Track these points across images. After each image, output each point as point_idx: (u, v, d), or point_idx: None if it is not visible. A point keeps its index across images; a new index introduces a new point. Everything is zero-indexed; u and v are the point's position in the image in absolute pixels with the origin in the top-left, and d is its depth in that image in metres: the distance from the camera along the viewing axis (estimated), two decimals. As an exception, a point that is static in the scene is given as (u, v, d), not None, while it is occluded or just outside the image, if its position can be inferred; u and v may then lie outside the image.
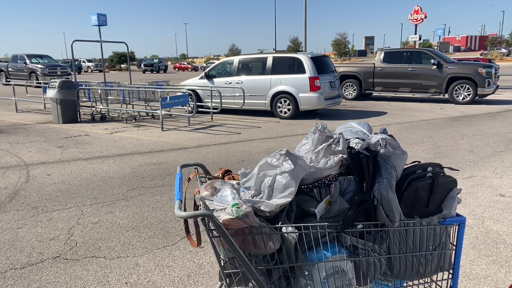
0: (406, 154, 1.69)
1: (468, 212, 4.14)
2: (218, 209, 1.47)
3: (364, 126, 1.98)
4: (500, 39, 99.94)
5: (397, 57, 13.53)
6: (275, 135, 8.32)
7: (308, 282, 1.60)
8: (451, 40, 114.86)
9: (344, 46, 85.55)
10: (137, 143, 7.72)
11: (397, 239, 1.67)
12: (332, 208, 1.61)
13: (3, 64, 24.49)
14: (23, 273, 3.08)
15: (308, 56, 10.16)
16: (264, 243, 1.51)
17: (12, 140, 8.09)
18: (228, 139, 7.97)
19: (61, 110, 10.06)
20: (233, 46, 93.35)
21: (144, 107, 11.70)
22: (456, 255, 1.76)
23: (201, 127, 9.55)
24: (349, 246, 1.64)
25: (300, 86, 10.01)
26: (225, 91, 10.95)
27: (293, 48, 77.00)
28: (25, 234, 3.76)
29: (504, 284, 2.83)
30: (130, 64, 14.70)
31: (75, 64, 20.01)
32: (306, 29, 23.98)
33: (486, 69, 12.15)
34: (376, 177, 1.61)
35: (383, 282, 1.78)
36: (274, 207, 1.53)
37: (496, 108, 11.73)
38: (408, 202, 1.66)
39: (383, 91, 14.00)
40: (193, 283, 2.91)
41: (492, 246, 3.39)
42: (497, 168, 5.67)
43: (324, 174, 1.66)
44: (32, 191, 4.97)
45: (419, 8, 34.08)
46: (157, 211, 4.25)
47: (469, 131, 8.35)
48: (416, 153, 6.61)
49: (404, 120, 9.96)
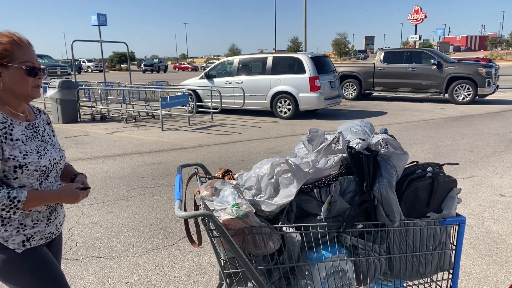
0: (407, 154, 1.69)
1: (468, 212, 4.14)
2: (218, 209, 1.47)
3: (366, 125, 1.98)
4: (500, 39, 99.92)
5: (397, 57, 13.53)
6: (275, 135, 8.32)
7: (308, 282, 1.60)
8: (451, 40, 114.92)
9: (344, 46, 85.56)
10: (137, 143, 7.72)
11: (397, 239, 1.67)
12: (333, 208, 1.61)
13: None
14: (23, 273, 3.08)
15: (308, 56, 10.16)
16: (264, 243, 1.50)
17: (12, 140, 8.09)
18: (228, 139, 7.97)
19: (61, 110, 10.06)
20: (233, 46, 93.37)
21: (144, 107, 11.70)
22: (456, 255, 1.76)
23: (201, 127, 9.55)
24: (349, 246, 1.64)
25: (300, 86, 10.01)
26: (225, 91, 10.95)
27: (293, 48, 77.00)
28: (25, 234, 3.76)
29: (504, 284, 2.83)
30: (130, 64, 14.70)
31: (75, 64, 20.02)
32: (306, 29, 23.96)
33: (486, 69, 12.14)
34: (376, 177, 1.61)
35: (383, 282, 1.78)
36: (275, 207, 1.53)
37: (496, 108, 11.73)
38: (408, 202, 1.66)
39: (383, 91, 14.00)
40: (193, 283, 2.91)
41: (492, 246, 3.39)
42: (497, 168, 5.67)
43: (324, 174, 1.66)
44: (32, 191, 4.97)
45: (419, 8, 34.08)
46: (157, 211, 4.25)
47: (469, 131, 8.35)
48: (416, 153, 6.61)
49: (404, 120, 9.96)
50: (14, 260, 1.50)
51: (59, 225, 1.68)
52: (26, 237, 1.53)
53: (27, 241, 1.53)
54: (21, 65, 1.49)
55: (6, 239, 1.49)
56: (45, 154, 1.57)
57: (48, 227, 1.61)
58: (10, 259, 1.50)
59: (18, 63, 1.48)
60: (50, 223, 1.61)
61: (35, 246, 1.56)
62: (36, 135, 1.60)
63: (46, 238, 1.61)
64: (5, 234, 1.49)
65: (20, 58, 1.49)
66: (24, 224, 1.52)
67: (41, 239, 1.58)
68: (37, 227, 1.56)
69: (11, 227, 1.49)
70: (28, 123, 1.58)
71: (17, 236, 1.51)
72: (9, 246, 1.50)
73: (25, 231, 1.52)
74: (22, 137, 1.51)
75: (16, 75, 1.49)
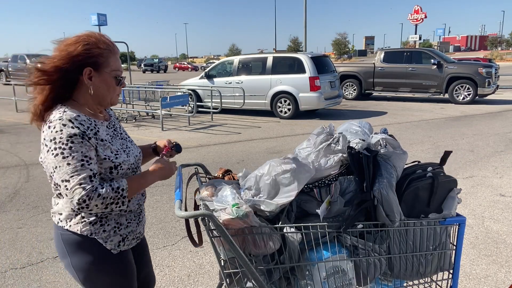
0: (406, 154, 1.69)
1: (468, 212, 4.14)
2: (218, 209, 1.47)
3: (365, 126, 1.98)
4: (500, 39, 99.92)
5: (397, 57, 13.52)
6: (275, 135, 8.32)
7: (308, 282, 1.60)
8: (451, 40, 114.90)
9: (344, 46, 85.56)
10: (137, 143, 7.72)
11: (397, 239, 1.67)
12: (332, 208, 1.61)
13: (3, 64, 24.50)
14: (23, 272, 3.08)
15: (308, 56, 10.15)
16: (264, 243, 1.51)
17: (12, 140, 8.09)
18: (228, 139, 7.97)
19: (61, 110, 10.05)
20: (233, 46, 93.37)
21: (144, 107, 11.69)
22: (456, 255, 1.76)
23: (201, 127, 9.55)
24: (349, 246, 1.64)
25: (300, 86, 10.01)
26: (225, 91, 10.95)
27: (293, 48, 76.98)
28: (25, 233, 3.76)
29: (504, 284, 2.83)
30: (130, 64, 14.69)
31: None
32: (306, 29, 23.97)
33: (486, 69, 12.14)
34: (376, 177, 1.61)
35: (383, 282, 1.78)
36: (275, 207, 1.53)
37: (496, 108, 11.73)
38: (408, 202, 1.66)
39: (383, 91, 14.00)
40: (193, 283, 2.91)
41: (492, 246, 3.39)
42: (497, 168, 5.67)
43: (324, 174, 1.66)
44: (32, 191, 4.97)
45: (419, 8, 34.08)
46: (157, 211, 4.25)
47: (469, 131, 8.35)
48: (416, 153, 6.61)
49: (404, 120, 9.96)
50: (108, 261, 1.52)
51: (144, 226, 1.71)
52: (122, 237, 1.55)
53: (122, 241, 1.55)
54: (113, 73, 1.49)
55: (106, 239, 1.50)
56: (129, 151, 1.58)
57: (138, 227, 1.63)
58: (106, 259, 1.51)
59: (110, 71, 1.48)
60: (140, 222, 1.64)
61: (126, 248, 1.58)
62: (116, 134, 1.59)
63: (137, 238, 1.64)
64: (104, 234, 1.50)
65: (113, 65, 1.49)
66: (120, 223, 1.54)
67: (133, 239, 1.61)
68: (130, 226, 1.58)
69: (109, 227, 1.51)
70: (107, 122, 1.58)
71: (114, 236, 1.52)
72: (106, 247, 1.51)
73: (120, 230, 1.54)
74: (108, 137, 1.50)
75: (106, 82, 1.48)
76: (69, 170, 1.34)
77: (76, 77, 1.45)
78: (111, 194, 1.38)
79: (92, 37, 1.45)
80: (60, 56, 1.41)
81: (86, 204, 1.35)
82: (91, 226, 1.47)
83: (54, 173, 1.37)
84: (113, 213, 1.51)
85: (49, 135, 1.37)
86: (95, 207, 1.36)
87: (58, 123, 1.36)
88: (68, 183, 1.34)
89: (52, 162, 1.36)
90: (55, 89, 1.44)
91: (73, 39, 1.45)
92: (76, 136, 1.36)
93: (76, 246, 1.48)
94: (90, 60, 1.43)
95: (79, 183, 1.34)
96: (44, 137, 1.40)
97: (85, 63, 1.43)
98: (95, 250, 1.49)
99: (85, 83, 1.45)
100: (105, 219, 1.50)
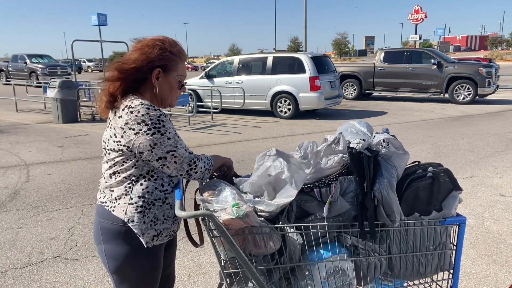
0: (408, 154, 1.69)
1: (468, 212, 4.14)
2: (218, 209, 1.47)
3: (364, 126, 1.98)
4: (500, 39, 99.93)
5: (397, 57, 13.52)
6: (275, 135, 8.32)
7: (308, 282, 1.60)
8: (452, 40, 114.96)
9: (344, 46, 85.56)
10: (137, 143, 7.72)
11: (398, 239, 1.67)
12: (333, 208, 1.61)
13: (4, 64, 24.51)
14: (23, 272, 3.08)
15: (308, 56, 10.15)
16: (265, 243, 1.51)
17: (12, 140, 8.10)
18: (228, 139, 7.97)
19: (61, 109, 10.06)
20: (233, 46, 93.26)
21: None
22: (457, 255, 1.76)
23: (201, 127, 9.56)
24: (349, 246, 1.64)
25: (300, 86, 10.01)
26: (225, 90, 10.95)
27: (293, 48, 76.97)
28: (25, 233, 3.76)
29: (504, 284, 2.83)
30: (130, 64, 14.67)
31: (75, 64, 20.03)
32: (306, 29, 23.97)
33: (486, 69, 12.14)
34: (377, 177, 1.61)
35: (384, 282, 1.78)
36: (275, 207, 1.53)
37: (496, 108, 11.73)
38: (409, 202, 1.66)
39: (383, 91, 14.00)
40: (193, 283, 2.91)
41: (492, 246, 3.39)
42: (497, 168, 5.67)
43: (324, 174, 1.66)
44: (32, 191, 4.97)
45: (419, 8, 34.05)
46: (157, 211, 4.25)
47: (469, 131, 8.35)
48: (416, 152, 6.61)
49: (404, 120, 9.96)
50: (141, 254, 1.55)
51: (179, 225, 1.73)
52: (157, 232, 1.57)
53: (156, 236, 1.57)
54: (178, 77, 1.61)
55: (143, 231, 1.54)
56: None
57: (173, 225, 1.65)
58: (139, 252, 1.55)
59: (176, 75, 1.60)
60: (175, 220, 1.66)
61: (159, 244, 1.60)
62: None
63: (170, 235, 1.65)
64: (143, 226, 1.53)
65: (180, 71, 1.61)
66: (157, 218, 1.56)
67: (166, 236, 1.63)
68: (166, 223, 1.60)
69: (148, 219, 1.54)
70: None
71: (150, 229, 1.55)
72: (142, 240, 1.54)
73: (156, 225, 1.56)
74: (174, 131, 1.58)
75: (170, 84, 1.60)
76: (171, 143, 1.49)
77: (146, 76, 1.56)
78: (206, 160, 1.59)
79: (166, 42, 1.58)
80: (140, 59, 1.54)
81: (195, 164, 1.55)
82: (135, 213, 1.51)
83: (153, 149, 1.47)
84: (155, 205, 1.54)
85: (135, 119, 1.46)
86: (200, 169, 1.57)
87: (142, 107, 1.47)
88: (175, 152, 1.50)
89: (149, 141, 1.46)
90: (126, 83, 1.55)
91: (150, 42, 1.57)
92: (163, 115, 1.50)
93: (112, 235, 1.53)
94: (162, 63, 1.56)
95: (184, 149, 1.53)
96: (126, 122, 1.48)
97: (157, 65, 1.55)
98: (130, 242, 1.53)
99: (152, 82, 1.57)
100: (148, 210, 1.53)
